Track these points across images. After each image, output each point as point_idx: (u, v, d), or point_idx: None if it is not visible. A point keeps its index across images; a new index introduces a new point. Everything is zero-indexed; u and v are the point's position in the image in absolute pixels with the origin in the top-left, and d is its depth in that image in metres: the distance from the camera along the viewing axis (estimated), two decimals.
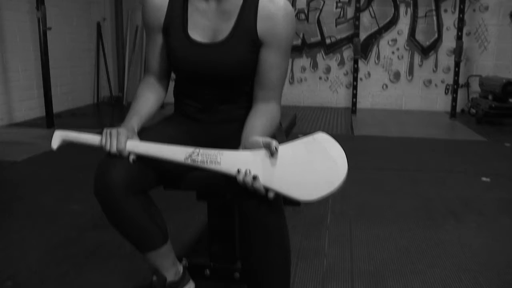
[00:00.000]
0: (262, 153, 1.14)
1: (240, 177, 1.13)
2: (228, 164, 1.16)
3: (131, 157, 1.25)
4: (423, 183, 3.15)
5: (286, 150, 1.13)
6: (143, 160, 1.26)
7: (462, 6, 5.61)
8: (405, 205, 2.72)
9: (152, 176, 1.32)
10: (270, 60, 1.33)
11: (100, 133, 1.28)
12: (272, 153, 1.12)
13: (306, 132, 4.73)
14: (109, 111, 6.46)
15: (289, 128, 2.32)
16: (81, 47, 6.58)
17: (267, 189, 1.12)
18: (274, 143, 1.11)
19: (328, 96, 6.71)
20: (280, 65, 1.35)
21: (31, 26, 5.37)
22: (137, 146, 1.26)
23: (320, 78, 6.67)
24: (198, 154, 1.19)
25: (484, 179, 3.25)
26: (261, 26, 1.31)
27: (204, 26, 1.34)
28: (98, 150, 1.27)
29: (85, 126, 5.04)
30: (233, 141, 1.33)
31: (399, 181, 3.20)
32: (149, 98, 1.44)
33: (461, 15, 5.63)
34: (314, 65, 6.64)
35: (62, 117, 5.61)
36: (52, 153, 3.81)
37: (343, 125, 5.36)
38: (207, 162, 1.18)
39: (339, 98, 6.69)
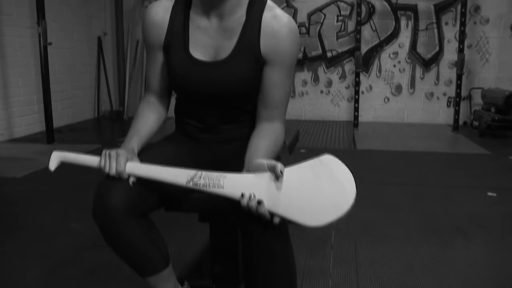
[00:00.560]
0: (267, 177, 1.09)
1: (244, 202, 1.09)
2: (232, 188, 1.12)
3: (131, 180, 1.22)
4: (427, 198, 3.11)
5: (291, 173, 1.09)
6: (143, 182, 1.22)
7: (463, 19, 5.60)
8: (410, 221, 2.67)
9: (153, 198, 1.28)
10: (274, 79, 1.30)
11: (100, 149, 1.24)
12: (278, 177, 1.08)
13: (308, 147, 4.70)
14: (110, 125, 6.43)
15: (292, 144, 2.28)
16: (82, 62, 6.58)
17: (272, 214, 1.08)
18: (279, 166, 1.07)
19: (329, 110, 6.68)
20: (284, 84, 1.32)
21: (32, 41, 5.37)
22: (137, 168, 1.22)
23: (321, 91, 6.65)
24: (200, 177, 1.15)
25: (489, 193, 3.20)
26: (265, 44, 1.27)
27: (206, 44, 1.31)
28: (97, 168, 1.23)
29: (85, 141, 5.02)
30: (236, 161, 1.29)
31: (403, 196, 3.15)
32: (149, 118, 1.41)
33: (462, 28, 5.62)
34: (316, 79, 6.63)
35: (63, 132, 5.58)
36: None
37: (345, 139, 5.32)
38: (209, 185, 1.14)
39: (341, 111, 6.66)
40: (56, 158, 1.32)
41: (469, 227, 2.57)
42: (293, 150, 2.26)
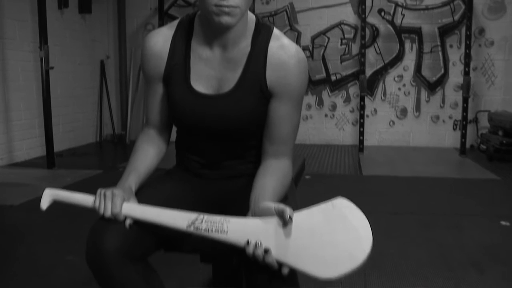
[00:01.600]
0: (274, 222, 1.00)
1: (250, 250, 1.00)
2: (236, 234, 1.02)
3: (127, 222, 1.13)
4: (437, 228, 2.99)
5: (301, 218, 1.00)
6: (140, 223, 1.14)
7: (468, 42, 5.55)
8: (421, 254, 2.56)
9: (151, 241, 1.19)
10: (281, 113, 1.21)
11: (101, 175, 1.16)
12: (286, 223, 0.99)
13: (313, 173, 4.60)
14: (112, 149, 6.36)
15: (299, 174, 2.19)
16: (84, 85, 6.54)
17: (280, 264, 0.98)
18: (288, 211, 0.98)
19: (334, 134, 6.59)
20: (292, 118, 1.23)
21: (34, 65, 5.33)
22: (134, 210, 1.13)
23: (326, 115, 6.57)
24: (202, 221, 1.06)
25: (503, 223, 3.08)
26: (271, 75, 1.19)
27: (208, 76, 1.22)
28: (100, 187, 1.16)
29: (86, 166, 4.94)
30: (240, 199, 1.21)
31: (412, 226, 3.04)
32: (148, 153, 1.32)
33: (467, 51, 5.57)
34: (320, 102, 6.56)
35: (64, 156, 5.51)
36: None
37: (350, 164, 5.23)
38: (212, 230, 1.05)
39: (346, 135, 6.57)
40: (48, 196, 1.24)
41: (484, 260, 2.46)
42: (299, 181, 2.17)
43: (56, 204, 1.25)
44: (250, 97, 1.20)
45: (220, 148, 1.30)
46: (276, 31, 1.23)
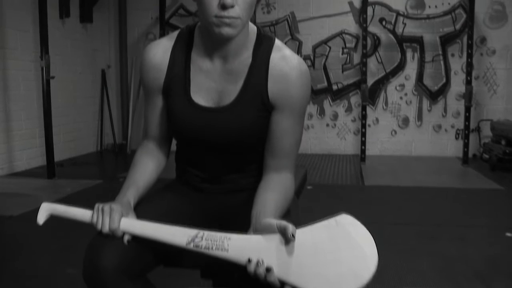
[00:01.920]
0: (276, 239, 0.97)
1: (252, 268, 0.96)
2: (237, 251, 0.99)
3: (126, 238, 1.10)
4: (441, 240, 2.95)
5: (304, 235, 0.97)
6: (139, 239, 1.11)
7: (470, 51, 5.54)
8: (425, 266, 2.52)
9: (150, 257, 1.16)
10: (283, 126, 1.19)
11: (102, 185, 1.14)
12: (288, 240, 0.96)
13: (315, 183, 4.56)
14: (113, 159, 6.33)
15: (300, 187, 2.15)
16: (85, 95, 6.53)
17: (282, 283, 0.95)
18: (290, 228, 0.95)
19: (336, 143, 6.56)
20: (294, 131, 1.20)
21: (35, 75, 5.32)
22: (132, 226, 1.10)
23: (327, 125, 6.55)
24: (202, 238, 1.03)
25: (508, 234, 3.04)
26: (273, 88, 1.17)
27: (209, 88, 1.20)
28: (100, 197, 1.13)
29: (87, 176, 4.91)
30: (241, 214, 1.18)
31: (416, 237, 3.00)
32: (147, 166, 1.29)
33: (469, 60, 5.55)
34: (321, 112, 6.54)
35: (64, 166, 5.48)
36: None
37: (352, 174, 5.19)
38: (212, 248, 1.02)
39: (347, 145, 6.54)
40: (45, 211, 1.22)
41: (489, 273, 2.42)
42: (301, 194, 2.13)
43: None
44: (251, 109, 1.18)
45: (221, 162, 1.27)
46: (278, 42, 1.21)
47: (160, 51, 1.23)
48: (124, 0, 6.63)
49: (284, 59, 1.17)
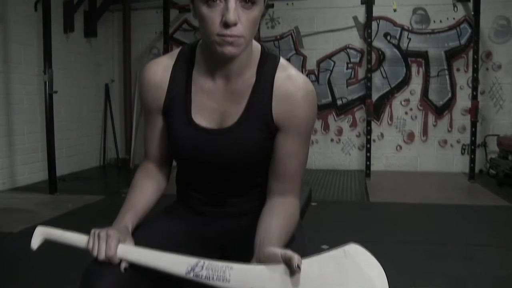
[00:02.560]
0: (281, 270, 0.92)
1: None
2: (239, 282, 0.94)
3: (123, 265, 1.05)
4: (450, 259, 2.88)
5: (310, 266, 0.91)
6: (136, 266, 1.05)
7: (475, 66, 5.50)
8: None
9: (148, 285, 1.11)
10: (288, 148, 1.14)
11: (104, 201, 1.09)
12: (294, 271, 0.90)
13: (319, 199, 4.49)
14: (115, 174, 6.30)
15: (305, 206, 2.11)
16: (89, 109, 6.52)
17: None
18: (296, 258, 0.89)
19: (340, 159, 6.50)
20: (299, 154, 1.15)
21: (38, 89, 5.31)
22: (129, 253, 1.05)
23: (332, 140, 6.50)
24: (202, 268, 0.98)
25: None
26: (277, 108, 1.12)
27: (211, 109, 1.15)
28: (100, 220, 1.07)
29: (89, 192, 4.87)
30: (244, 239, 1.13)
31: (422, 257, 2.93)
32: (147, 189, 1.24)
33: (475, 74, 5.50)
34: (326, 127, 6.49)
35: (66, 181, 5.44)
36: (50, 224, 3.58)
37: (357, 190, 5.13)
38: (213, 278, 0.96)
39: (352, 160, 6.48)
40: (39, 235, 1.17)
41: None
42: (305, 213, 2.08)
43: (58, 227, 1.18)
44: (255, 131, 1.13)
45: (223, 185, 1.22)
46: (282, 61, 1.16)
47: (160, 69, 1.18)
48: (128, 15, 6.64)
49: (289, 79, 1.13)
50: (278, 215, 1.11)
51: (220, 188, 1.23)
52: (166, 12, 6.21)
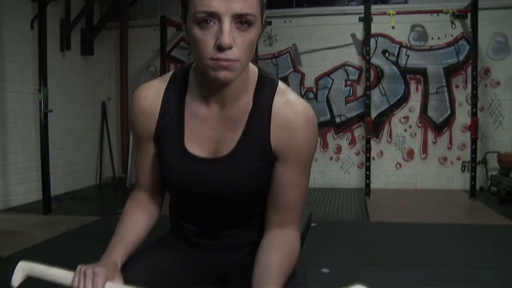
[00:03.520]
0: None
1: None
2: None
3: None
4: (455, 283, 2.79)
5: None
6: None
7: (474, 82, 5.47)
8: None
9: None
10: (287, 178, 1.07)
11: (99, 221, 1.01)
12: None
13: (319, 219, 4.41)
14: (111, 193, 6.21)
15: (305, 231, 2.02)
16: (85, 127, 6.45)
17: None
18: None
19: (339, 177, 6.43)
20: (299, 183, 1.08)
21: (34, 107, 5.25)
22: None
23: (331, 158, 6.43)
24: None
25: None
26: (276, 136, 1.05)
27: (205, 136, 1.08)
28: (95, 243, 1.00)
29: (84, 212, 4.78)
30: (241, 273, 1.07)
31: (425, 280, 2.84)
32: (137, 220, 1.17)
33: (474, 91, 5.47)
34: (324, 145, 6.42)
35: (62, 201, 5.35)
36: (43, 247, 3.51)
37: (357, 209, 5.04)
38: None
39: (351, 178, 6.40)
40: (21, 271, 1.09)
41: None
42: (305, 239, 2.00)
43: (52, 254, 1.10)
44: (252, 160, 1.06)
45: (219, 216, 1.15)
46: (281, 85, 1.10)
47: (152, 94, 1.11)
48: (125, 33, 6.62)
49: (289, 104, 1.06)
50: (277, 250, 1.03)
51: (216, 219, 1.16)
52: (163, 30, 6.19)
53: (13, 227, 4.18)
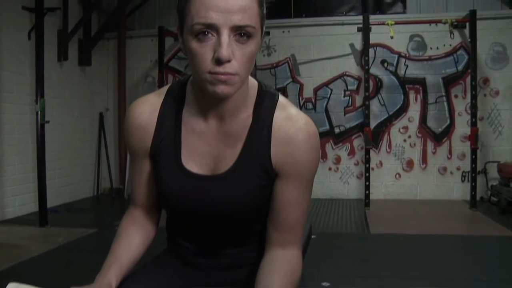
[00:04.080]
0: None
1: None
2: None
3: None
4: None
5: None
6: None
7: (474, 92, 5.45)
8: None
9: None
10: (288, 195, 1.03)
11: (96, 234, 0.97)
12: None
13: (318, 231, 4.34)
14: (109, 204, 6.16)
15: (306, 246, 1.97)
16: (82, 138, 6.41)
17: None
18: None
19: (339, 188, 6.38)
20: (301, 201, 1.04)
21: (30, 118, 5.21)
22: None
23: (330, 168, 6.38)
24: None
25: None
26: (277, 153, 1.01)
27: (203, 153, 1.04)
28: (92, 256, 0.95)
29: (81, 224, 4.72)
30: None
31: None
32: (133, 239, 1.12)
33: (473, 101, 5.45)
34: (323, 156, 6.38)
35: (58, 213, 5.30)
36: (38, 261, 3.45)
37: (357, 220, 4.99)
38: None
39: (351, 189, 6.36)
40: None
41: None
42: (306, 254, 1.95)
43: (47, 267, 1.05)
44: (252, 177, 1.02)
45: (217, 235, 1.11)
46: (282, 99, 1.06)
47: (147, 109, 1.07)
48: (123, 43, 6.60)
49: (290, 120, 1.02)
50: (278, 271, 0.99)
51: (214, 238, 1.11)
52: (161, 40, 6.17)
53: (9, 239, 4.12)
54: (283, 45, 6.41)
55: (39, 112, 4.58)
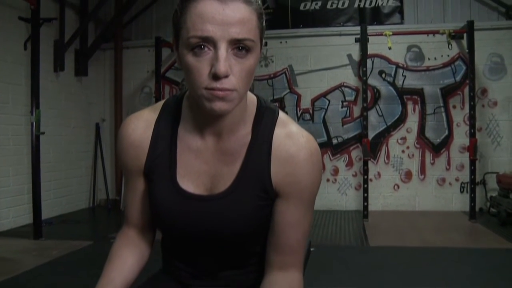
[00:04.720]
0: None
1: None
2: None
3: None
4: None
5: None
6: None
7: (472, 103, 5.43)
8: None
9: None
10: (289, 216, 0.98)
11: (91, 246, 0.91)
12: None
13: (316, 244, 4.28)
14: (105, 216, 6.09)
15: (305, 260, 1.92)
16: (78, 149, 6.35)
17: None
18: None
19: (336, 199, 6.33)
20: (302, 223, 1.00)
21: (26, 129, 5.15)
22: None
23: (327, 180, 6.33)
24: None
25: None
26: (277, 172, 0.97)
27: (199, 171, 1.00)
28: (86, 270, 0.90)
29: (76, 236, 4.65)
30: None
31: None
32: (126, 260, 1.07)
33: (472, 112, 5.43)
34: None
35: (53, 224, 5.23)
36: (31, 275, 3.38)
37: (355, 232, 4.94)
38: None
39: (349, 200, 6.31)
40: None
41: None
42: (305, 270, 1.90)
43: (40, 282, 1.00)
44: (251, 197, 0.97)
45: (215, 257, 1.06)
46: (282, 115, 1.02)
47: (141, 125, 1.03)
48: (120, 54, 6.57)
49: (290, 137, 0.98)
50: None
51: (212, 260, 1.07)
52: (158, 50, 6.14)
53: (2, 253, 4.04)
54: (281, 56, 6.39)
55: (34, 123, 4.53)
